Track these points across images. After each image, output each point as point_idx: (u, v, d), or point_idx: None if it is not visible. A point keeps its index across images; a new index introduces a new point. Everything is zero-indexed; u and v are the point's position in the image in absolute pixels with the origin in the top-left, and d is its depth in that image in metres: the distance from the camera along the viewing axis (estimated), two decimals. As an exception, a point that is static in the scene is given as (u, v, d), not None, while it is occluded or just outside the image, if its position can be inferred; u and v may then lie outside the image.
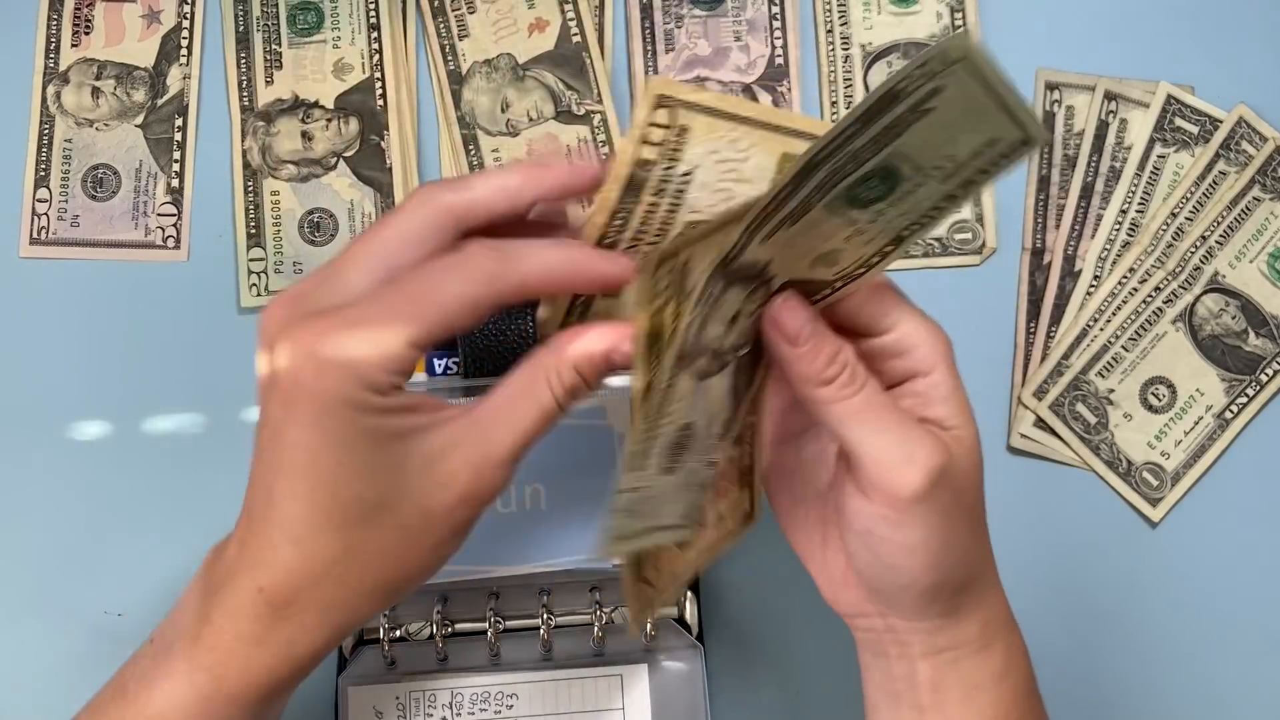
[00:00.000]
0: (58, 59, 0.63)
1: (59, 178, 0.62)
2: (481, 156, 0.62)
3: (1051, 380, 0.62)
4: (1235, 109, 0.63)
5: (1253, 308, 0.62)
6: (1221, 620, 0.62)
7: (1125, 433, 0.62)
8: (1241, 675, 0.61)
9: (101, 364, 0.62)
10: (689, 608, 0.56)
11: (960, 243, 0.63)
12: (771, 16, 0.63)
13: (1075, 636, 0.61)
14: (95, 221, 0.62)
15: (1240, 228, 0.62)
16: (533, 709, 0.55)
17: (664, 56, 0.63)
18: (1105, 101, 0.63)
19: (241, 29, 0.63)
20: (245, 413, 0.62)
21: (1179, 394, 0.62)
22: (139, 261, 0.62)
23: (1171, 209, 0.62)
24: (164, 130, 0.63)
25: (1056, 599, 0.62)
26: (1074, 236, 0.63)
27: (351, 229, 0.62)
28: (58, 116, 0.63)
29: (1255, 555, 0.62)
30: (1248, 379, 0.62)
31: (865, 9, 0.64)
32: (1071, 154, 0.63)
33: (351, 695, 0.56)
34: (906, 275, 0.63)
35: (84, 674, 0.60)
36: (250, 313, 0.62)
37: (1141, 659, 0.61)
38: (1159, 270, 0.62)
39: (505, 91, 0.63)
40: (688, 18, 0.63)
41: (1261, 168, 0.62)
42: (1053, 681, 0.62)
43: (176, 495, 0.61)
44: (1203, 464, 0.62)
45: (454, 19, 0.63)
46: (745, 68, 0.63)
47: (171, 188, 0.62)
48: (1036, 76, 0.64)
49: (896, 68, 0.63)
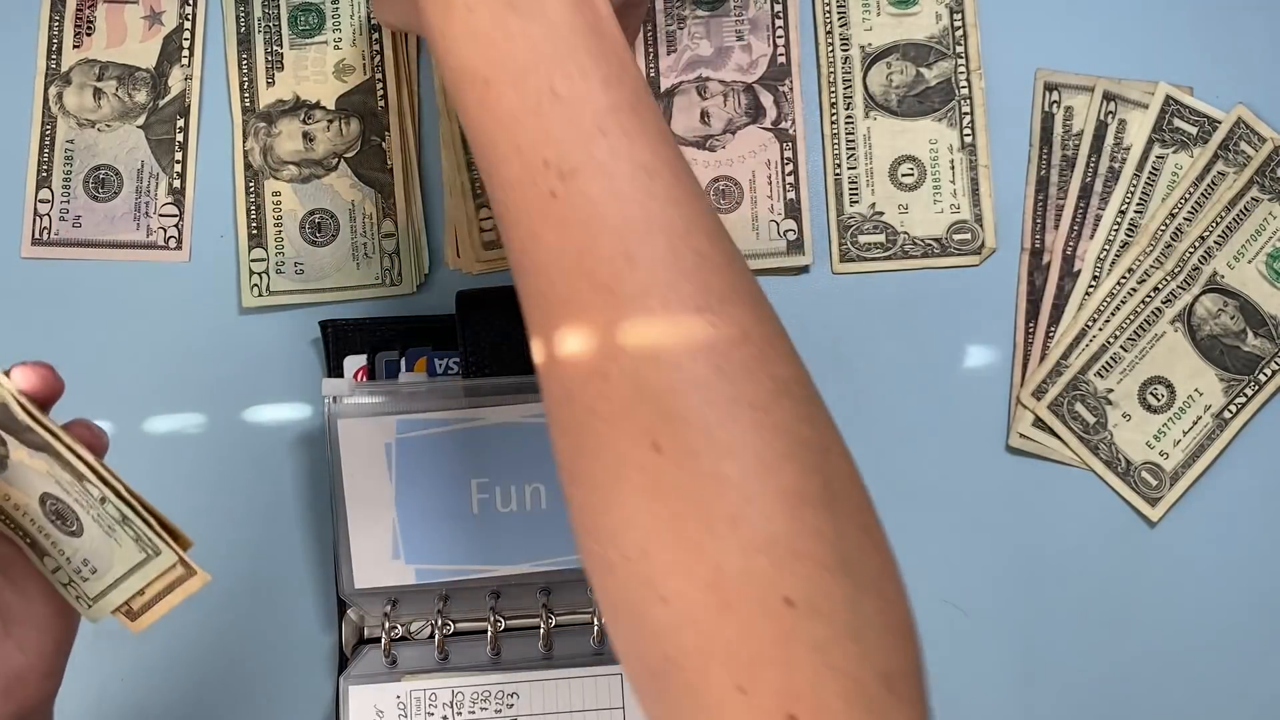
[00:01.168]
0: (59, 60, 0.63)
1: (61, 178, 0.62)
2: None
3: (1050, 380, 0.62)
4: (1234, 110, 0.63)
5: (1251, 308, 0.62)
6: (1220, 620, 0.62)
7: (1124, 432, 0.62)
8: (1241, 675, 0.62)
9: (102, 364, 0.62)
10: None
11: (959, 243, 0.63)
12: (774, 15, 0.63)
13: (1075, 636, 0.62)
14: (97, 222, 0.62)
15: (1239, 228, 0.62)
16: (533, 708, 0.55)
17: (665, 58, 0.63)
18: (1104, 102, 0.63)
19: (243, 30, 0.63)
20: (245, 413, 0.62)
21: (1178, 394, 0.62)
22: (140, 262, 0.62)
23: (1170, 209, 0.62)
24: (165, 131, 0.63)
25: (1056, 599, 0.62)
26: (1073, 237, 0.63)
27: (353, 229, 0.62)
28: (59, 117, 0.63)
29: (1254, 554, 0.62)
30: (1246, 379, 0.62)
31: (865, 10, 0.64)
32: (1070, 154, 0.63)
33: (353, 694, 0.56)
34: (906, 275, 0.63)
35: (85, 673, 0.60)
36: (252, 313, 0.63)
37: (1141, 658, 0.62)
38: (1158, 270, 0.62)
39: None
40: (690, 18, 0.63)
41: (1260, 168, 0.62)
42: (1052, 681, 0.62)
43: (177, 495, 0.61)
44: (1201, 464, 0.62)
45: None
46: (747, 67, 0.63)
47: (173, 188, 0.63)
48: (1035, 77, 0.64)
49: (895, 68, 0.63)
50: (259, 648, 0.61)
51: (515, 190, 0.38)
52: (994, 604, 0.61)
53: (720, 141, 0.63)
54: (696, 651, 0.35)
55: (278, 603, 0.61)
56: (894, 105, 0.63)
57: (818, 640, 0.34)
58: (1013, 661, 0.61)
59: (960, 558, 0.62)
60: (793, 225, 0.62)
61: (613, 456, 0.37)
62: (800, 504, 0.35)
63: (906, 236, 0.63)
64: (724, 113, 0.63)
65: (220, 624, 0.61)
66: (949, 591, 0.61)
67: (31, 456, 0.42)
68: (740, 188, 0.62)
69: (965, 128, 0.63)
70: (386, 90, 0.63)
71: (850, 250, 0.63)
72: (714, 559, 0.35)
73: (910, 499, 0.62)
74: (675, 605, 0.35)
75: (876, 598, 0.36)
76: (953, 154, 0.63)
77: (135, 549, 0.43)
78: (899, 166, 0.63)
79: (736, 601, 0.35)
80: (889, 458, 0.62)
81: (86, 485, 0.42)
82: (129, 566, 0.44)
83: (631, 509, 0.36)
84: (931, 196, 0.63)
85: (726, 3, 0.63)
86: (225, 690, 0.61)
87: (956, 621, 0.61)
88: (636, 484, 0.36)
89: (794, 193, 0.62)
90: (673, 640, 0.36)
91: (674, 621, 0.36)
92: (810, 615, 0.34)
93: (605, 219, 0.37)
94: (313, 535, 0.62)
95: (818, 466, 0.36)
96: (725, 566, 0.35)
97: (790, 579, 0.34)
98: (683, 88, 0.63)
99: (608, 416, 0.37)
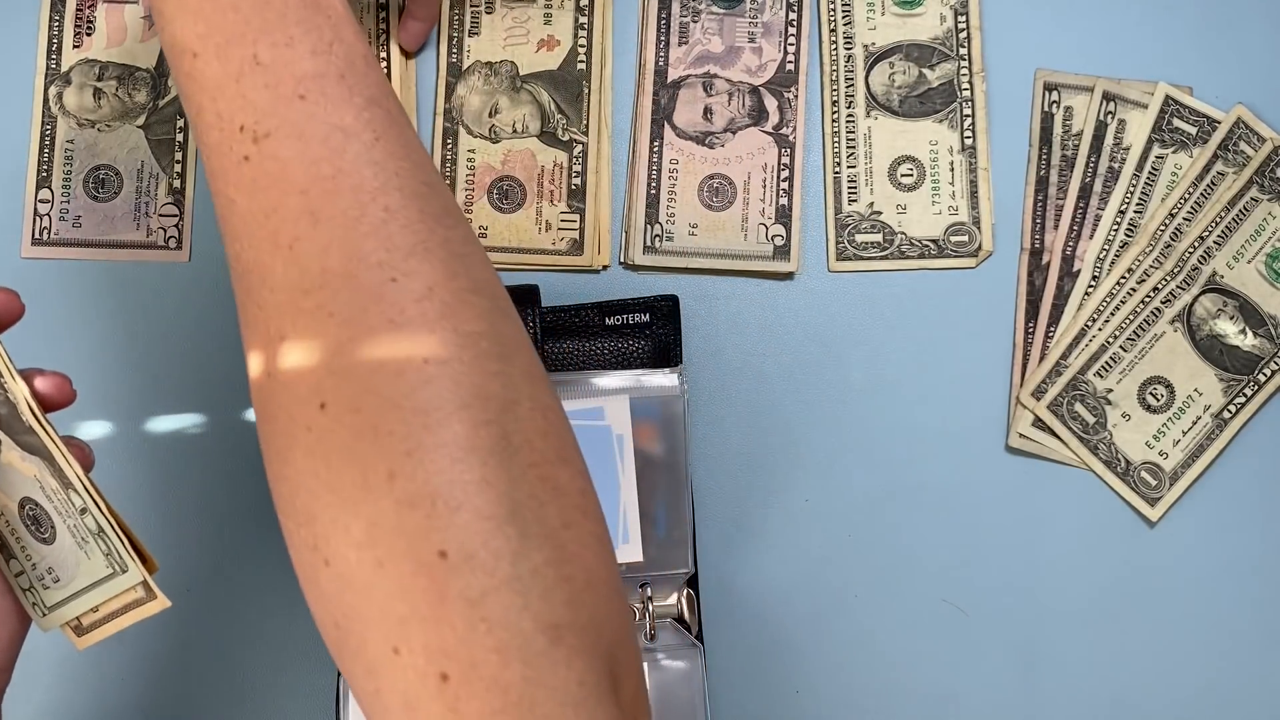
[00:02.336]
0: (59, 60, 0.63)
1: (61, 178, 0.62)
2: (457, 153, 0.62)
3: (1050, 380, 0.62)
4: (1233, 110, 0.63)
5: (1250, 307, 0.62)
6: (1220, 619, 0.62)
7: (1123, 432, 0.62)
8: (1240, 674, 0.62)
9: (103, 364, 0.62)
10: (688, 607, 0.56)
11: (957, 245, 0.63)
12: (788, 22, 0.63)
13: (1074, 636, 0.62)
14: (97, 222, 0.62)
15: (1238, 228, 0.62)
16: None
17: (676, 49, 0.63)
18: (1104, 102, 0.63)
19: (242, 30, 0.63)
20: (246, 412, 0.62)
21: (1177, 394, 0.62)
22: (141, 262, 0.62)
23: (1170, 209, 0.62)
24: (166, 131, 0.63)
25: (1055, 599, 0.62)
26: (1072, 237, 0.63)
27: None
28: (59, 117, 0.63)
29: (1253, 554, 0.62)
30: (1245, 379, 0.62)
31: (869, 10, 0.64)
32: (1070, 154, 0.63)
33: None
34: (905, 276, 0.63)
35: (85, 672, 0.60)
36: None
37: (1140, 658, 0.62)
38: (1157, 270, 0.62)
39: (499, 97, 0.63)
40: (705, 13, 0.64)
41: (1259, 168, 0.62)
42: (1052, 680, 0.62)
43: (176, 495, 0.61)
44: (1201, 464, 0.62)
45: (469, 13, 0.63)
46: (755, 70, 0.63)
47: (173, 188, 0.63)
48: (1035, 77, 0.64)
49: (898, 69, 0.63)
50: (259, 647, 0.61)
51: (214, 156, 0.38)
52: (994, 604, 0.62)
53: (720, 140, 0.63)
54: (356, 614, 0.35)
55: (278, 602, 0.61)
56: (895, 105, 0.63)
57: (472, 593, 0.33)
58: (1013, 661, 0.61)
59: (960, 558, 0.62)
60: (781, 231, 0.62)
61: (285, 419, 0.36)
62: (467, 454, 0.34)
63: (904, 237, 0.63)
64: (727, 111, 0.63)
65: (220, 623, 0.61)
66: (949, 591, 0.62)
67: (24, 460, 0.42)
68: (734, 188, 0.62)
69: (966, 130, 0.63)
70: (389, 76, 0.63)
71: (847, 249, 0.63)
72: (368, 516, 0.34)
73: (910, 499, 0.62)
74: (336, 567, 0.35)
75: (551, 549, 0.35)
76: (953, 156, 0.63)
77: (104, 564, 0.43)
78: (898, 167, 0.63)
79: (388, 558, 0.34)
80: (888, 457, 0.62)
81: (71, 494, 0.42)
82: (92, 580, 0.44)
83: (297, 471, 0.36)
84: (930, 198, 0.63)
85: (743, 3, 0.63)
86: (225, 690, 0.61)
87: (956, 621, 0.61)
88: (304, 445, 0.36)
89: (787, 199, 0.62)
90: (338, 604, 0.35)
91: (336, 585, 0.35)
92: (465, 568, 0.34)
93: (293, 180, 0.37)
94: (313, 535, 0.62)
95: (495, 419, 0.35)
96: (379, 522, 0.34)
97: (445, 531, 0.34)
98: (689, 81, 0.63)
99: (283, 379, 0.36)
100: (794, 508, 0.62)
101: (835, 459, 0.62)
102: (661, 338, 0.59)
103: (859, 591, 0.62)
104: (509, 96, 0.63)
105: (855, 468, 0.62)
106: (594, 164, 0.62)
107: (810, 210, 0.63)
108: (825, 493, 0.62)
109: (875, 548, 0.62)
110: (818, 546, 0.62)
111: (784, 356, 0.63)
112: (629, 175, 0.63)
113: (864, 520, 0.62)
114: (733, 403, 0.62)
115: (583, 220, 0.62)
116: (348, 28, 0.39)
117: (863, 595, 0.62)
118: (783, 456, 0.62)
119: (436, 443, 0.35)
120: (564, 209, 0.62)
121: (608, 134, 0.63)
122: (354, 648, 0.35)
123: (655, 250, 0.62)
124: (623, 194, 0.63)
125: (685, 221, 0.62)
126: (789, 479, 0.62)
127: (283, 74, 0.38)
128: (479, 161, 0.62)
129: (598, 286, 0.62)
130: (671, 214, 0.62)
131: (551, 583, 0.35)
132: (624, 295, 0.60)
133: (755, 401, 0.62)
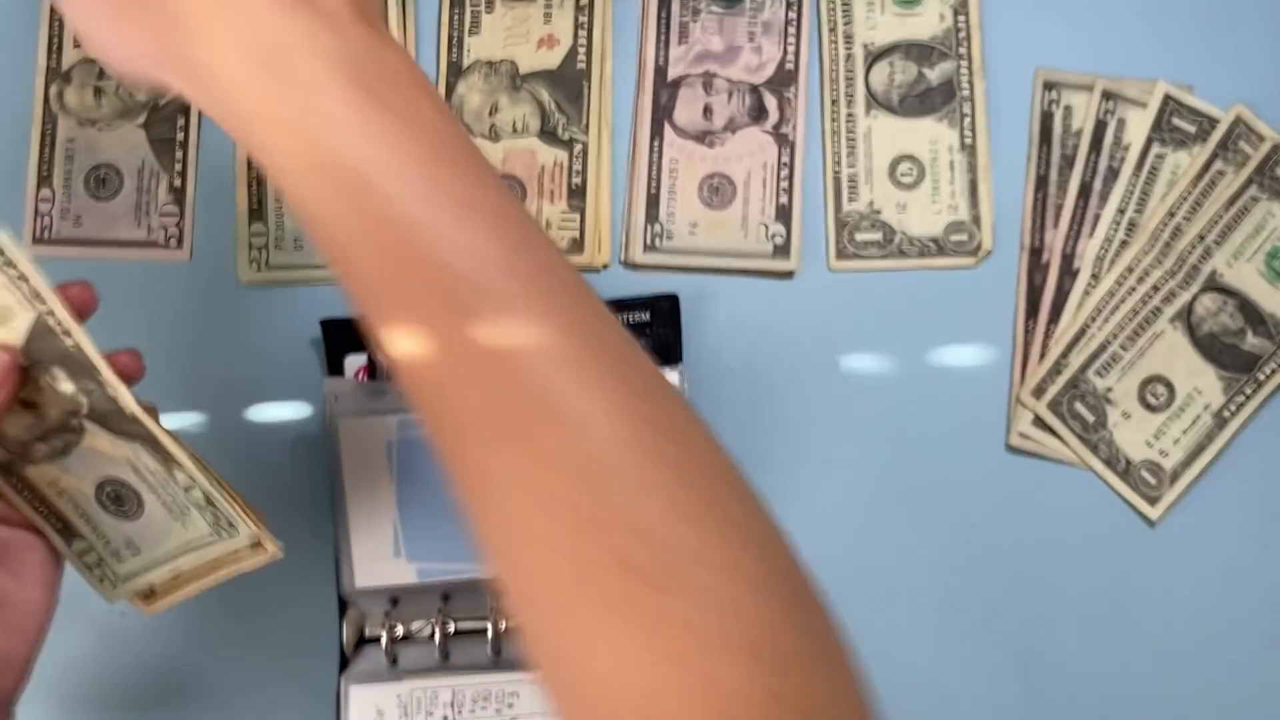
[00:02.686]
0: (60, 58, 0.63)
1: (61, 177, 0.62)
2: None
3: (1050, 379, 0.62)
4: (1233, 108, 0.63)
5: (1250, 306, 0.62)
6: (1220, 619, 0.62)
7: (1124, 431, 0.62)
8: (1241, 674, 0.62)
9: (104, 363, 0.62)
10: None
11: (956, 244, 0.63)
12: (787, 21, 0.63)
13: (1074, 635, 0.62)
14: (98, 221, 0.62)
15: (1238, 227, 0.62)
16: (533, 707, 0.55)
17: (676, 47, 0.63)
18: (1103, 101, 0.63)
19: (243, 29, 0.63)
20: (246, 412, 0.62)
21: (1177, 393, 0.62)
22: (141, 261, 0.62)
23: (1169, 208, 0.62)
24: (166, 130, 0.63)
25: (1055, 598, 0.62)
26: (1072, 235, 0.63)
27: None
28: (60, 116, 0.63)
29: (1253, 553, 0.62)
30: (1245, 377, 0.62)
31: (869, 8, 0.64)
32: (1069, 153, 0.63)
33: (353, 694, 0.56)
34: (905, 275, 0.63)
35: (88, 671, 0.61)
36: (252, 312, 0.63)
37: (1140, 658, 0.62)
38: (1157, 269, 0.62)
39: (498, 96, 0.63)
40: (705, 12, 0.64)
41: (1259, 167, 0.62)
42: (1052, 680, 0.62)
43: (179, 494, 0.62)
44: (1201, 462, 0.62)
45: (469, 13, 0.63)
46: (755, 69, 0.63)
47: (174, 187, 0.63)
48: (1035, 76, 0.64)
49: (898, 67, 0.63)
50: (259, 647, 0.61)
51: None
52: (994, 603, 0.62)
53: (720, 138, 0.63)
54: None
55: (278, 602, 0.61)
56: (895, 104, 0.63)
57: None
58: (1013, 660, 0.61)
59: (960, 557, 0.62)
60: (781, 230, 0.62)
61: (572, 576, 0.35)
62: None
63: (904, 236, 0.63)
64: (727, 110, 0.63)
65: (220, 623, 0.61)
66: (949, 590, 0.62)
67: (114, 444, 0.44)
68: (734, 186, 0.62)
69: (965, 129, 0.63)
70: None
71: (847, 248, 0.63)
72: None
73: (910, 499, 0.62)
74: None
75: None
76: (952, 154, 0.63)
77: (208, 531, 0.45)
78: (898, 165, 0.63)
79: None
80: (888, 456, 0.62)
81: (175, 472, 0.44)
82: (188, 546, 0.46)
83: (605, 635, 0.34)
84: (930, 196, 0.63)
85: (743, 2, 0.64)
86: (226, 689, 0.61)
87: (956, 621, 0.61)
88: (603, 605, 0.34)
89: (787, 197, 0.62)
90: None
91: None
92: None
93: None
94: (313, 534, 0.62)
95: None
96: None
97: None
98: (689, 80, 0.63)
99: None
100: (793, 506, 0.62)
101: (835, 457, 0.62)
102: (661, 336, 0.60)
103: (858, 591, 0.62)
104: (509, 95, 0.63)
105: (855, 466, 0.62)
106: (594, 163, 0.62)
107: (810, 209, 0.63)
108: (825, 491, 0.62)
109: (875, 547, 0.62)
110: (817, 545, 0.62)
111: (784, 355, 0.63)
112: (629, 174, 0.63)
113: (863, 519, 0.62)
114: (733, 401, 0.62)
115: (583, 219, 0.62)
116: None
117: (862, 595, 0.62)
118: (782, 455, 0.62)
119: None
120: (564, 208, 0.62)
121: (608, 133, 0.63)
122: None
123: (655, 249, 0.62)
124: (623, 193, 0.63)
125: (685, 220, 0.62)
126: (788, 477, 0.62)
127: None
128: None
129: (598, 285, 0.62)
130: (671, 213, 0.62)
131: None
132: (624, 294, 0.61)
133: (755, 400, 0.62)
